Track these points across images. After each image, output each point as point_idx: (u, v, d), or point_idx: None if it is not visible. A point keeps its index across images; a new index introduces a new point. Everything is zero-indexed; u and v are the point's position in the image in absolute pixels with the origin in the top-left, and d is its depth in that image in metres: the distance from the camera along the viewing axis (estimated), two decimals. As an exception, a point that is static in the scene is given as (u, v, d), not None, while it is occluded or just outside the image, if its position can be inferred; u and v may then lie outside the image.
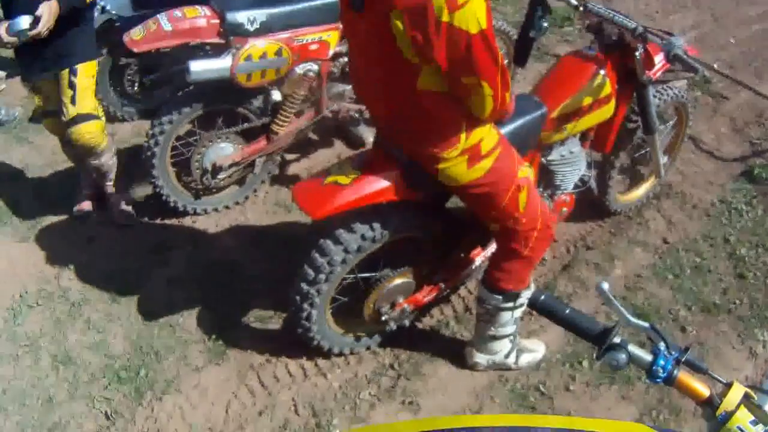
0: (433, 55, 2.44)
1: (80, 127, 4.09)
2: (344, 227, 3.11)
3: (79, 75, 4.06)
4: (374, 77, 2.78)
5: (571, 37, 7.05)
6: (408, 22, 2.39)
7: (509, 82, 2.66)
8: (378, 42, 2.56)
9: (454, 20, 2.35)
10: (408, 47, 2.46)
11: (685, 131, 4.60)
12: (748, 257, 4.31)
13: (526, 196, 3.02)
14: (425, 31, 2.38)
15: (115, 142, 5.23)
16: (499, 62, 2.53)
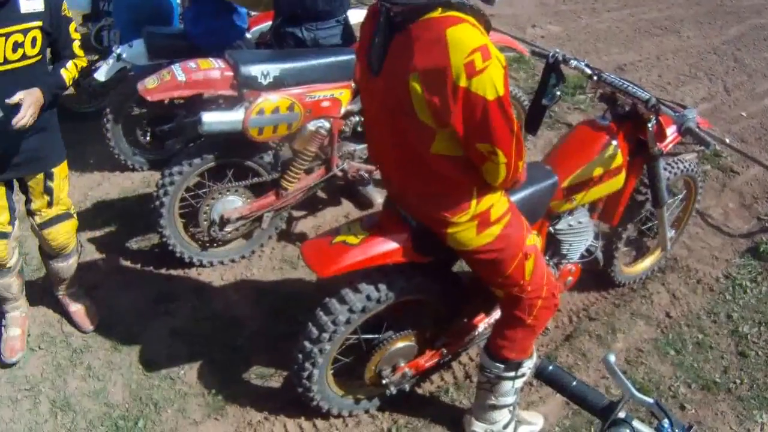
0: (450, 119, 2.47)
1: (58, 227, 3.88)
2: (350, 287, 3.14)
3: (55, 179, 3.79)
4: (388, 139, 2.81)
5: (583, 105, 7.13)
6: (426, 85, 2.43)
7: (523, 151, 2.69)
8: (394, 104, 2.60)
9: (471, 86, 2.38)
10: (424, 111, 2.49)
11: (694, 205, 4.63)
12: (751, 335, 4.32)
13: (532, 264, 3.05)
14: (443, 96, 2.41)
15: (125, 191, 5.30)
16: (515, 131, 2.56)
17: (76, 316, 4.20)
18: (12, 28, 3.25)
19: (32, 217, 3.83)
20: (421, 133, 2.59)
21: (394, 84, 2.55)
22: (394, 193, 3.14)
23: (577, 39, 9.11)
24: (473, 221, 2.84)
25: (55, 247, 3.93)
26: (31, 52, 3.37)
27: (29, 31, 3.32)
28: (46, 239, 3.88)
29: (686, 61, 8.53)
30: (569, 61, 3.60)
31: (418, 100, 2.47)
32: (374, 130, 2.95)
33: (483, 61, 2.35)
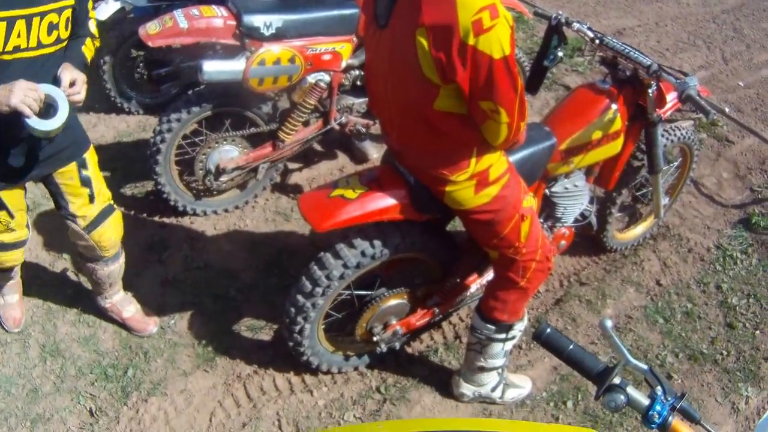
0: (455, 76, 2.47)
1: (106, 225, 3.47)
2: (345, 242, 3.15)
3: (89, 165, 3.37)
4: (391, 94, 2.80)
5: (581, 68, 7.12)
6: (433, 41, 2.42)
7: (526, 112, 2.69)
8: (399, 59, 2.60)
9: (478, 44, 2.38)
10: (430, 66, 2.49)
11: (689, 173, 4.65)
12: (739, 307, 4.36)
13: (528, 226, 3.06)
14: (449, 52, 2.42)
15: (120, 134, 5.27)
16: (519, 91, 2.56)
17: (133, 321, 3.89)
18: (48, 6, 2.82)
19: (74, 222, 3.38)
20: (425, 88, 2.58)
21: (400, 38, 2.55)
22: (393, 148, 3.13)
23: (576, 1, 9.05)
24: (472, 180, 2.86)
25: (105, 248, 3.53)
26: (64, 35, 2.97)
27: (63, 11, 2.90)
28: (97, 243, 3.47)
29: (685, 29, 8.50)
30: (572, 24, 3.58)
31: (424, 55, 2.47)
32: (377, 83, 2.92)
33: (491, 19, 2.35)
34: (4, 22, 2.67)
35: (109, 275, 3.69)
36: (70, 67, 2.94)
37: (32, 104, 2.69)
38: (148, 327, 3.90)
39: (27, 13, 2.73)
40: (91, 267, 3.64)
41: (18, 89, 2.65)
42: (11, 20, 2.69)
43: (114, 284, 3.79)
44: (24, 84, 2.68)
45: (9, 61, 2.77)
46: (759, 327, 4.25)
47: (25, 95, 2.66)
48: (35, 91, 2.70)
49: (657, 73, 3.35)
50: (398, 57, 2.61)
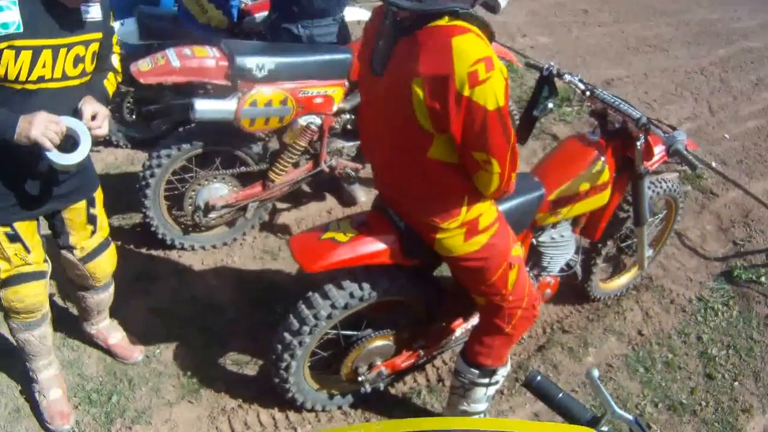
0: (449, 126, 2.52)
1: (103, 257, 3.54)
2: (334, 283, 3.19)
3: (97, 204, 3.42)
4: (385, 140, 2.85)
5: (569, 118, 7.22)
6: (428, 91, 2.47)
7: (517, 163, 2.73)
8: (394, 106, 2.64)
9: (473, 95, 2.42)
10: (424, 116, 2.53)
11: (673, 226, 4.72)
12: (719, 358, 4.41)
13: (516, 274, 3.11)
14: (444, 102, 2.46)
15: (108, 166, 5.32)
16: (511, 142, 2.61)
17: (118, 348, 3.93)
18: (76, 38, 2.81)
19: (70, 252, 3.43)
20: (419, 136, 2.62)
21: (396, 86, 2.59)
22: (385, 194, 3.18)
23: (566, 51, 9.19)
24: (462, 228, 2.90)
25: (98, 279, 3.58)
26: (89, 68, 2.95)
27: (90, 44, 2.90)
28: (92, 273, 3.52)
29: (673, 80, 8.63)
30: (563, 75, 3.65)
31: (419, 104, 2.51)
32: (371, 129, 2.99)
33: (486, 71, 2.40)
34: (30, 51, 2.65)
35: (98, 303, 3.73)
36: (92, 100, 2.93)
37: (53, 137, 2.67)
38: (134, 354, 3.93)
39: (54, 44, 2.72)
40: (80, 294, 3.68)
41: (39, 122, 2.63)
42: (37, 50, 2.67)
43: (102, 312, 3.83)
44: (45, 116, 2.66)
45: (32, 91, 2.75)
46: (738, 378, 4.30)
47: (46, 128, 2.65)
48: (57, 124, 2.69)
49: (646, 126, 3.40)
50: (393, 105, 2.65)
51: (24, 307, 3.24)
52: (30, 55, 2.66)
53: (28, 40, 2.63)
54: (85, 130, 2.79)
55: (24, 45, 2.63)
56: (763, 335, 4.65)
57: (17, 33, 2.59)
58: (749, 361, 4.43)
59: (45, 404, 3.54)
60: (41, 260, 3.24)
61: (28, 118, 2.64)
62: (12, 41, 2.59)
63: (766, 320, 4.78)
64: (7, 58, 2.62)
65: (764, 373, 4.36)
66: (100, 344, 3.93)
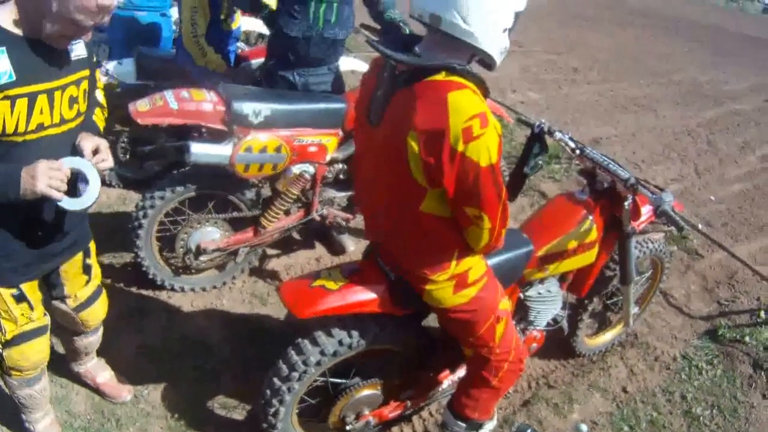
0: (442, 180, 2.55)
1: (96, 305, 3.50)
2: (323, 330, 3.21)
3: (92, 253, 3.38)
4: (379, 191, 2.89)
5: (557, 175, 7.30)
6: (423, 145, 2.50)
7: (507, 219, 2.78)
8: (389, 157, 2.68)
9: (467, 150, 2.46)
10: (418, 169, 2.57)
11: (659, 285, 4.78)
12: (703, 417, 4.43)
13: (503, 327, 3.15)
14: (438, 157, 2.49)
15: (100, 206, 5.35)
16: (503, 198, 2.66)
17: (107, 387, 3.90)
18: (67, 78, 2.73)
19: (63, 302, 3.36)
20: (412, 189, 2.66)
21: (391, 138, 2.63)
22: (376, 244, 3.22)
23: (555, 108, 9.30)
24: (451, 281, 2.94)
25: (91, 326, 3.55)
26: (83, 108, 2.87)
27: (81, 82, 2.83)
28: (84, 321, 3.47)
29: (660, 140, 8.75)
30: (554, 133, 3.69)
31: (414, 157, 2.55)
32: (365, 179, 3.02)
33: (481, 127, 2.45)
34: (26, 99, 2.56)
35: (86, 346, 3.70)
36: (89, 135, 2.85)
37: (59, 186, 2.55)
38: (122, 394, 3.91)
39: (49, 88, 2.64)
40: (71, 339, 3.64)
41: (41, 173, 2.51)
42: (33, 96, 2.58)
43: (90, 353, 3.80)
44: (45, 165, 2.53)
45: (34, 142, 2.64)
46: (721, 438, 4.34)
47: (50, 177, 2.52)
48: (59, 171, 2.56)
49: (634, 186, 3.44)
50: (388, 156, 2.69)
51: (30, 364, 3.19)
52: (26, 103, 2.57)
53: (22, 88, 2.54)
54: (90, 165, 2.70)
55: (18, 93, 2.54)
56: (747, 395, 4.69)
57: (10, 83, 2.50)
58: (733, 421, 4.46)
59: None
60: (42, 314, 3.17)
61: (30, 172, 2.52)
62: (5, 91, 2.50)
63: (750, 380, 4.82)
64: (2, 111, 2.52)
65: (747, 433, 4.41)
66: (88, 383, 3.92)
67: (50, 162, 2.56)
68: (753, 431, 4.44)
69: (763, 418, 4.55)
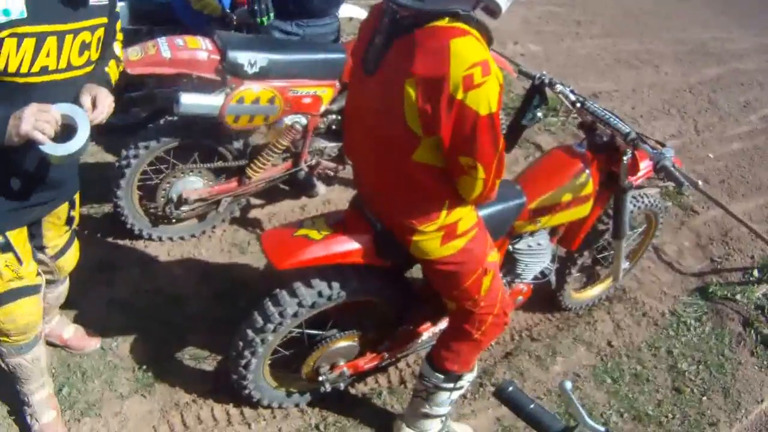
0: (438, 129, 2.51)
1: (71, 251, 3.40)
2: (302, 281, 3.18)
3: (77, 204, 3.26)
4: (370, 140, 2.84)
5: (554, 128, 7.26)
6: (422, 93, 2.46)
7: (503, 170, 2.74)
8: (384, 106, 2.64)
9: (466, 99, 2.42)
10: (415, 118, 2.53)
11: (651, 240, 4.76)
12: (688, 372, 4.44)
13: (490, 280, 3.11)
14: (436, 105, 2.45)
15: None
16: (499, 149, 2.62)
17: (73, 341, 3.84)
18: (82, 23, 2.56)
19: (41, 252, 3.19)
20: (406, 138, 2.62)
21: (388, 86, 2.58)
22: (364, 194, 3.18)
23: (556, 61, 9.21)
24: (439, 232, 2.90)
25: (65, 272, 3.44)
26: (94, 57, 2.70)
27: (96, 29, 2.65)
28: (60, 267, 3.36)
29: (661, 97, 8.67)
30: (554, 85, 3.66)
31: (410, 105, 2.50)
32: (357, 129, 2.97)
33: (482, 76, 2.40)
34: (34, 39, 2.40)
35: (57, 297, 3.58)
36: (92, 85, 2.65)
37: (45, 128, 2.37)
38: (90, 344, 3.88)
39: (60, 30, 2.47)
40: None
41: (28, 114, 2.35)
42: (42, 37, 2.43)
43: (55, 306, 3.68)
44: (34, 107, 2.37)
45: (34, 85, 2.49)
46: (706, 393, 4.34)
47: (37, 119, 2.35)
48: (47, 113, 2.39)
49: (635, 141, 3.41)
50: (383, 105, 2.65)
51: (16, 328, 3.00)
52: (33, 44, 2.41)
53: (32, 27, 2.38)
54: (83, 113, 2.50)
55: (27, 32, 2.38)
56: (735, 353, 4.69)
57: (20, 19, 2.34)
58: (719, 377, 4.47)
59: (37, 428, 3.39)
60: (34, 273, 2.99)
61: (17, 114, 2.36)
62: (15, 28, 2.34)
63: (739, 338, 4.82)
64: (8, 48, 2.36)
65: (734, 390, 4.41)
66: (54, 341, 3.83)
67: (41, 105, 2.40)
68: (739, 387, 4.45)
69: (750, 375, 4.55)
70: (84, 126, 2.47)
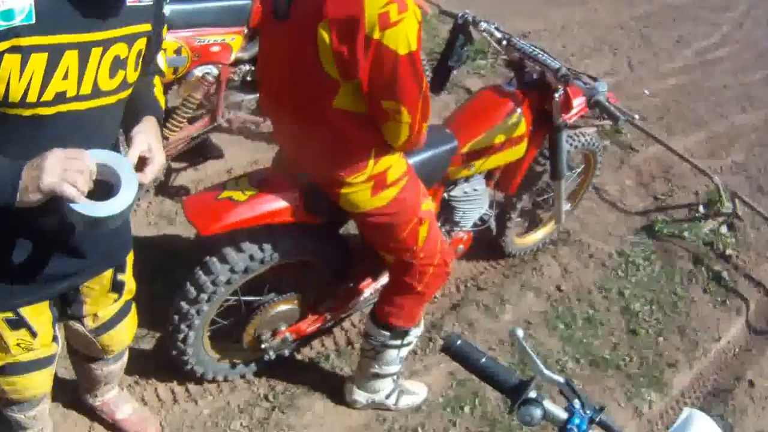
0: (357, 72, 2.45)
1: (122, 326, 2.79)
2: (233, 245, 3.08)
3: (127, 268, 2.65)
4: (287, 91, 2.76)
5: (484, 70, 7.24)
6: (336, 35, 2.38)
7: (429, 113, 2.69)
8: (297, 53, 2.56)
9: (384, 38, 2.36)
10: (330, 62, 2.45)
11: (591, 180, 4.74)
12: (642, 313, 4.46)
13: (426, 230, 3.06)
14: (352, 47, 2.38)
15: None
16: (423, 90, 2.56)
17: (129, 423, 3.23)
18: (115, 32, 1.90)
19: (78, 323, 2.65)
20: (324, 85, 2.55)
21: (300, 31, 2.50)
22: (286, 149, 3.11)
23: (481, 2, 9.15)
24: (369, 182, 2.84)
25: (113, 351, 2.84)
26: (131, 78, 2.04)
27: (136, 40, 1.99)
28: (105, 346, 2.77)
29: (592, 34, 8.70)
30: (478, 23, 3.59)
31: (325, 49, 2.42)
32: (272, 81, 2.88)
33: (399, 13, 2.33)
34: (45, 54, 1.77)
35: (109, 374, 3.03)
36: (148, 131, 2.06)
37: (78, 180, 1.73)
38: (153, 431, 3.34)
39: (83, 41, 1.83)
40: (88, 366, 2.95)
41: (52, 163, 1.72)
42: (57, 50, 1.79)
43: (110, 382, 3.13)
44: (60, 154, 1.73)
45: (45, 119, 1.85)
46: (662, 334, 4.37)
47: (65, 169, 1.72)
48: (80, 160, 1.75)
49: (566, 77, 3.37)
50: (297, 52, 2.57)
51: (20, 398, 2.54)
52: (45, 60, 1.77)
53: (42, 37, 1.74)
54: (129, 167, 1.88)
55: (36, 44, 1.73)
56: (688, 290, 4.74)
57: (26, 26, 1.70)
58: (674, 316, 4.51)
59: None
60: (49, 341, 2.47)
61: (35, 162, 1.74)
62: (17, 39, 1.70)
63: (690, 275, 4.86)
64: (8, 67, 1.72)
65: (689, 329, 4.45)
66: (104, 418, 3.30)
67: (70, 150, 1.77)
68: (695, 326, 4.49)
69: (705, 313, 4.60)
70: (130, 183, 1.85)
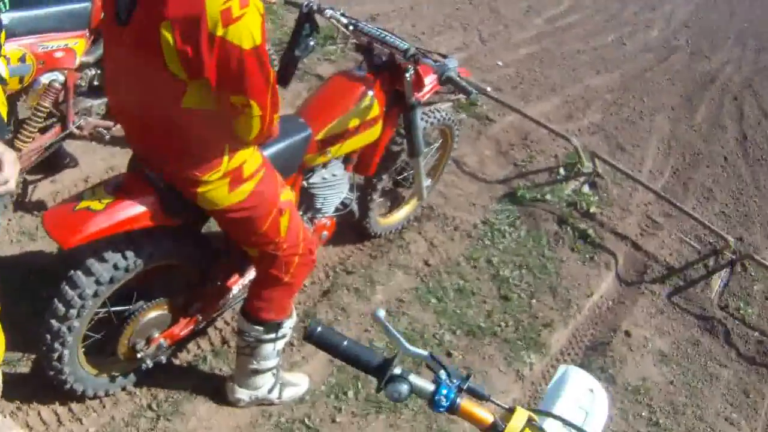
0: (203, 71, 2.47)
1: None
2: (95, 257, 3.06)
3: None
4: (135, 94, 2.76)
5: (334, 56, 7.26)
6: (179, 35, 2.40)
7: (278, 104, 2.72)
8: (143, 56, 2.55)
9: (227, 34, 2.38)
10: (176, 62, 2.46)
11: (450, 154, 4.83)
12: (512, 278, 4.59)
13: (287, 220, 3.10)
14: (196, 45, 2.40)
15: None
16: (271, 82, 2.60)
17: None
18: None
19: None
20: (171, 86, 2.56)
21: (143, 33, 2.50)
22: (139, 153, 3.10)
23: (324, -11, 9.19)
24: (225, 179, 2.86)
25: None
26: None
27: None
28: None
29: (441, 11, 8.81)
30: (324, 11, 3.64)
31: (169, 50, 2.44)
32: (119, 84, 2.87)
33: (240, 8, 2.37)
34: None
35: None
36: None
37: None
38: None
39: None
40: None
41: None
42: None
43: None
44: None
45: None
46: (535, 296, 4.52)
47: None
48: None
49: (414, 57, 3.46)
50: (141, 54, 2.57)
51: None
52: None
53: None
54: None
55: None
56: (555, 251, 4.88)
57: None
58: (544, 278, 4.64)
59: None
60: None
61: None
62: None
63: (556, 236, 5.01)
64: None
65: (561, 288, 4.59)
66: None
67: None
68: (566, 285, 4.65)
69: (575, 271, 4.75)
70: None
